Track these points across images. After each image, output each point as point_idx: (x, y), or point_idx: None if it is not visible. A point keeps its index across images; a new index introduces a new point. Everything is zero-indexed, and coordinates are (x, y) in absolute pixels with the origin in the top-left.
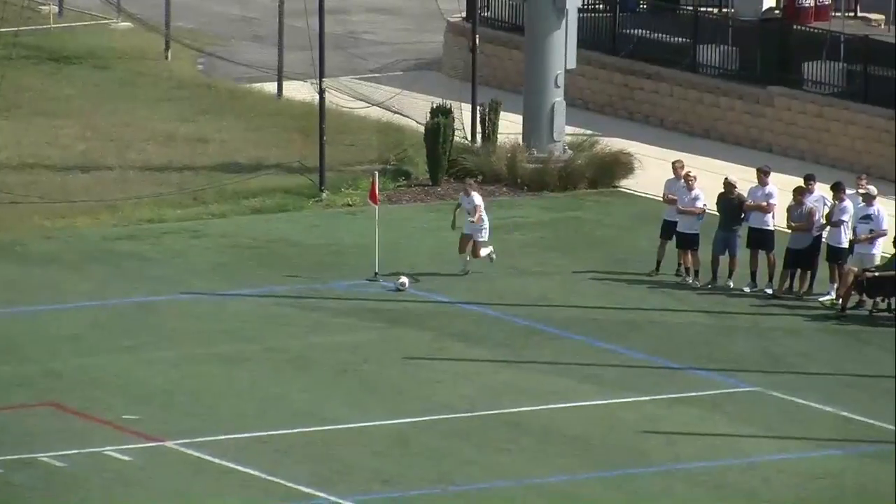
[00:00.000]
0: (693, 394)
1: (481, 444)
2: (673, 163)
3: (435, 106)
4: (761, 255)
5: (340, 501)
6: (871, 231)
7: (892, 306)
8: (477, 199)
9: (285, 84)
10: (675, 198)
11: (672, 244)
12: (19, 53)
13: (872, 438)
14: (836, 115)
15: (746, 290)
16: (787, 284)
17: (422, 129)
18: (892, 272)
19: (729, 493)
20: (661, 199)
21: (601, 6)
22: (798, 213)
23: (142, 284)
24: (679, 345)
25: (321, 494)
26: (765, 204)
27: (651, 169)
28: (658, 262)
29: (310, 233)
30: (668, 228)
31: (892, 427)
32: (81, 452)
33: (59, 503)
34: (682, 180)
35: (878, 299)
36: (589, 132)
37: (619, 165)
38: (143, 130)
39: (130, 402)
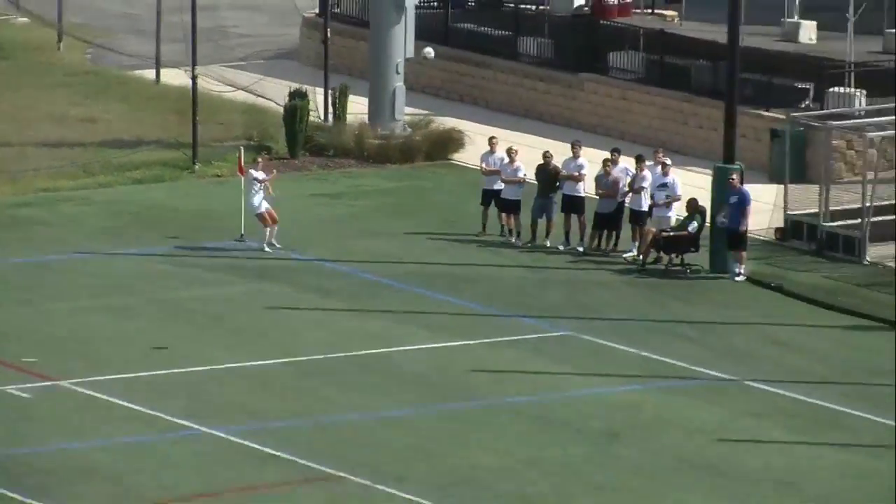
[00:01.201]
0: (516, 338)
1: (335, 382)
2: (489, 139)
3: (292, 90)
4: (573, 218)
5: (212, 431)
6: (668, 197)
7: (684, 261)
8: (263, 174)
9: (163, 71)
10: (493, 169)
11: (494, 209)
12: None
13: (668, 374)
14: (637, 97)
15: (561, 248)
16: (595, 243)
17: (281, 110)
18: (685, 232)
19: (547, 424)
20: (481, 171)
21: (435, 3)
22: (605, 181)
23: (39, 246)
24: (504, 295)
25: (195, 426)
26: (576, 174)
27: (479, 144)
28: (483, 225)
29: (185, 200)
30: (487, 196)
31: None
32: None
33: None
34: (505, 154)
35: (673, 256)
36: (425, 112)
37: (452, 141)
38: (40, 112)
39: (29, 348)
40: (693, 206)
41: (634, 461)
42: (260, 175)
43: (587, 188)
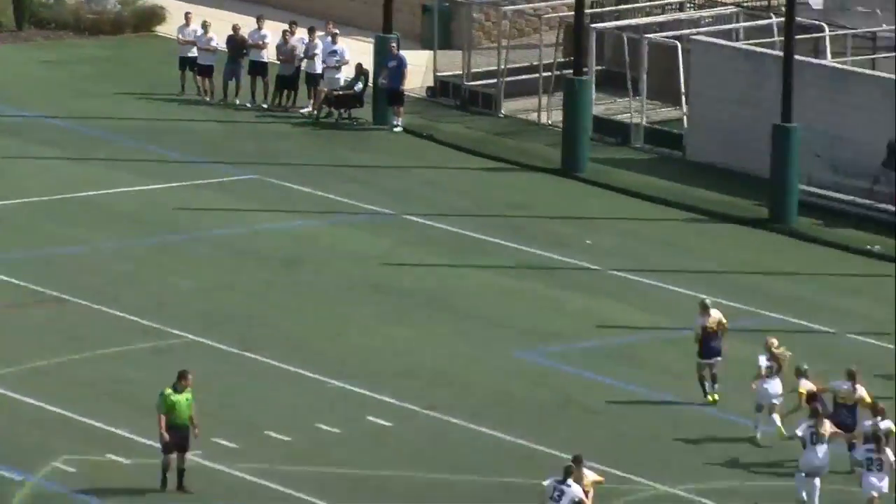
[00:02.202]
0: (211, 181)
1: (62, 219)
2: (185, 14)
3: None
4: (259, 79)
5: None
6: (337, 62)
7: (351, 116)
8: None
9: None
10: (188, 40)
11: (190, 73)
12: None
13: (339, 210)
14: None
15: (248, 105)
16: (277, 101)
17: None
18: (352, 91)
19: (239, 253)
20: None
21: None
22: (284, 49)
23: None
24: (201, 145)
25: None
26: (260, 43)
27: (178, 18)
28: (182, 86)
29: None
30: (184, 63)
31: None
32: None
33: None
34: (200, 27)
35: (342, 111)
36: None
37: (155, 16)
38: None
39: None
40: (359, 69)
41: (312, 284)
42: None
43: (270, 55)
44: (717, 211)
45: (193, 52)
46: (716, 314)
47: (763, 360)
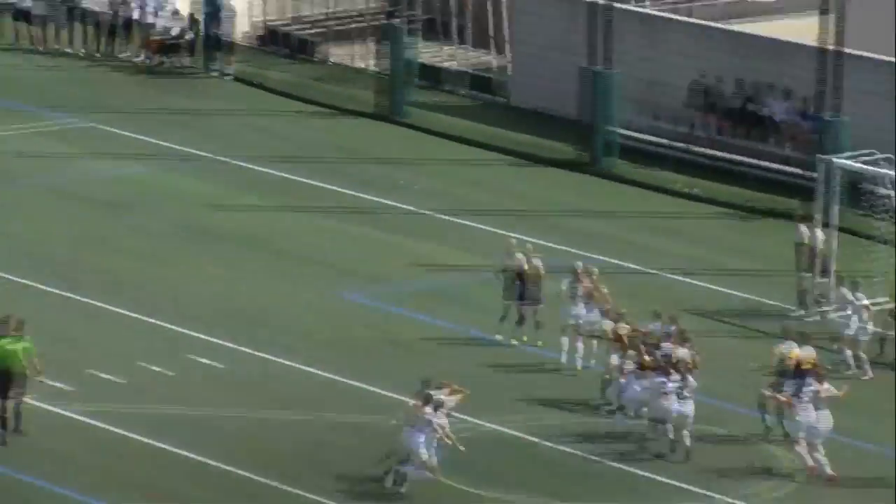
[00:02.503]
0: (42, 128)
1: None
2: None
3: None
4: (89, 28)
5: None
6: (167, 10)
7: (183, 64)
8: None
9: None
10: None
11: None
12: None
13: (171, 156)
14: None
15: (81, 53)
16: (108, 49)
17: None
18: (182, 39)
19: (71, 198)
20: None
21: None
22: (116, 1)
23: None
24: (33, 93)
25: None
26: None
27: None
28: (16, 35)
29: None
30: (17, 14)
31: None
32: None
33: None
34: None
35: (174, 59)
36: None
37: None
38: None
39: None
40: (190, 18)
41: (141, 228)
42: None
43: (100, 3)
44: (539, 154)
45: (26, 3)
46: (526, 259)
47: (565, 284)
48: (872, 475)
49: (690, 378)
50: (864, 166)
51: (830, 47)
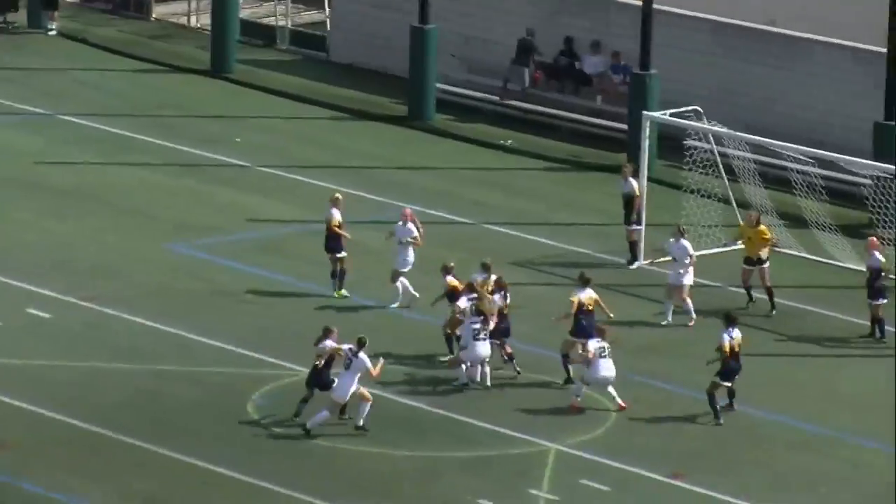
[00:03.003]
0: None
1: None
2: None
3: None
4: None
5: None
6: None
7: (7, 19)
8: None
9: None
10: None
11: None
12: None
13: None
14: None
15: None
16: None
17: None
18: None
19: None
20: None
21: None
22: None
23: None
24: None
25: None
26: None
27: None
28: None
29: None
30: None
31: None
32: None
33: None
34: None
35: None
36: None
37: None
38: None
39: None
40: None
41: None
42: None
43: None
44: (360, 109)
45: None
46: (336, 214)
47: (396, 230)
48: (681, 415)
49: (490, 322)
50: (676, 119)
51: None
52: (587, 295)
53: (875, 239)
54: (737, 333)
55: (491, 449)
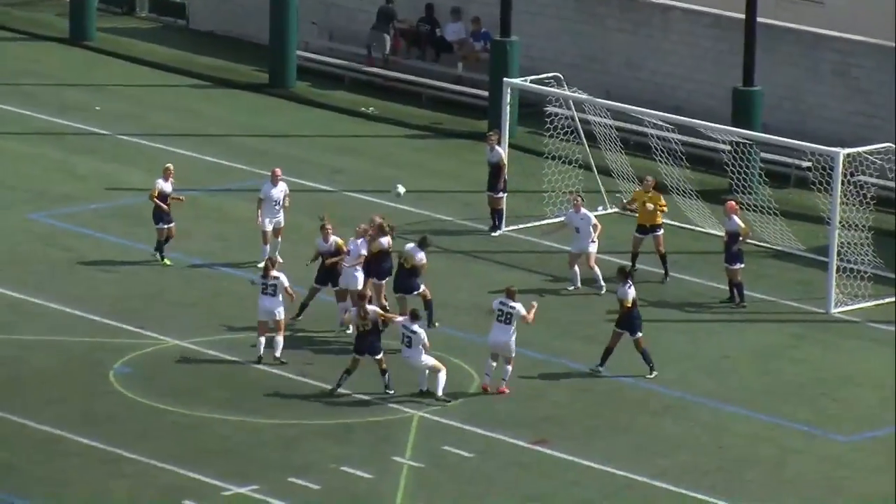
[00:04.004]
0: None
1: None
2: None
3: None
4: None
5: None
6: None
7: None
8: None
9: None
10: None
11: None
12: None
13: None
14: None
15: None
16: None
17: None
18: None
19: None
20: None
21: None
22: None
23: None
24: None
25: None
26: None
27: None
28: None
29: None
30: None
31: None
32: None
33: None
34: None
35: None
36: None
37: None
38: None
39: None
40: None
41: None
42: None
43: None
44: (220, 77)
45: None
46: (160, 184)
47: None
48: (543, 381)
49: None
50: (537, 86)
51: None
52: (417, 255)
53: (734, 203)
54: (632, 290)
55: (353, 416)
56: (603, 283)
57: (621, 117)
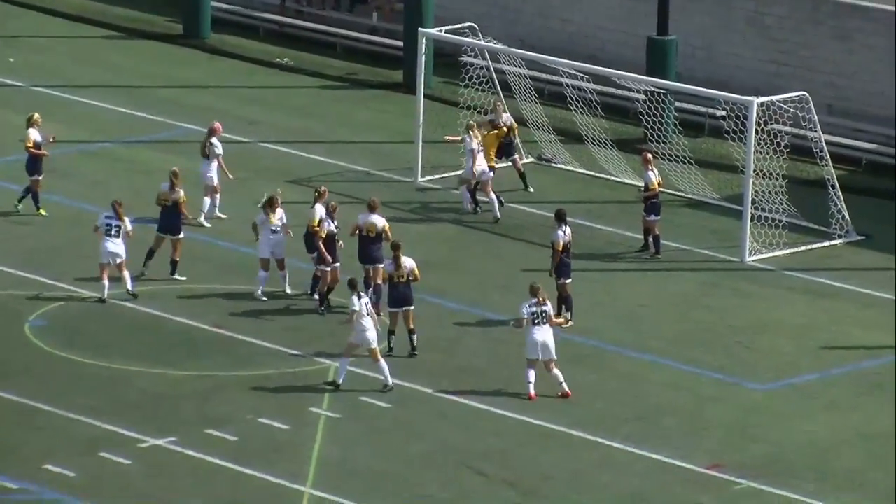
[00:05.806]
0: None
1: None
2: None
3: None
4: None
5: None
6: None
7: None
8: None
9: None
10: None
11: None
12: None
13: None
14: None
15: None
16: None
17: None
18: None
19: None
20: None
21: None
22: None
23: None
24: None
25: None
26: None
27: None
28: None
29: None
30: None
31: None
32: None
33: None
34: None
35: None
36: None
37: None
38: None
39: None
40: None
41: None
42: None
43: None
44: (134, 27)
45: None
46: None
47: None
48: (457, 331)
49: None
50: (452, 36)
51: None
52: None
53: (650, 154)
54: (568, 230)
55: (269, 368)
56: (498, 213)
57: (535, 67)
